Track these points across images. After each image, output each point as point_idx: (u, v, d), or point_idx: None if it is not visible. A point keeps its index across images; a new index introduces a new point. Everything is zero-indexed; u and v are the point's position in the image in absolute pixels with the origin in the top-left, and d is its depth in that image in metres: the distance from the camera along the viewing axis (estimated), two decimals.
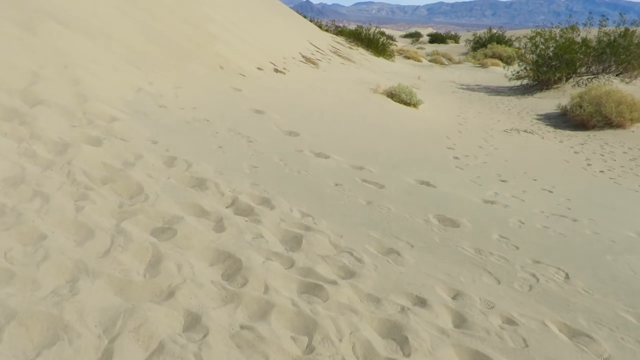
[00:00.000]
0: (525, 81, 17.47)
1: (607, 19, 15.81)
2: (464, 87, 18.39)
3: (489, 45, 30.03)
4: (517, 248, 3.16)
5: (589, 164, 8.20)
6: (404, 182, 4.51)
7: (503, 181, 5.65)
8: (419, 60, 28.43)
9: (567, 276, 2.83)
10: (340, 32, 29.41)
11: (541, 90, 16.22)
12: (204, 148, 4.30)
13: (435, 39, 52.56)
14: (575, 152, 9.15)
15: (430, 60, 29.63)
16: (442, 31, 70.68)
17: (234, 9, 15.10)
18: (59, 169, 3.09)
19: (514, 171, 6.57)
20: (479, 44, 33.49)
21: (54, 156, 3.26)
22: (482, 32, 36.40)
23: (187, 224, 2.70)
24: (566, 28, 16.55)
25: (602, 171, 7.78)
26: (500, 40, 32.56)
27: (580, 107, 11.32)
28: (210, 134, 4.85)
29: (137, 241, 2.43)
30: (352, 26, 36.54)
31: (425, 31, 74.89)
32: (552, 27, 17.00)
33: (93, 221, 2.55)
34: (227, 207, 3.17)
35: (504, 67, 21.77)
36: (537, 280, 2.72)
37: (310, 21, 31.39)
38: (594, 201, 5.08)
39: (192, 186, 3.38)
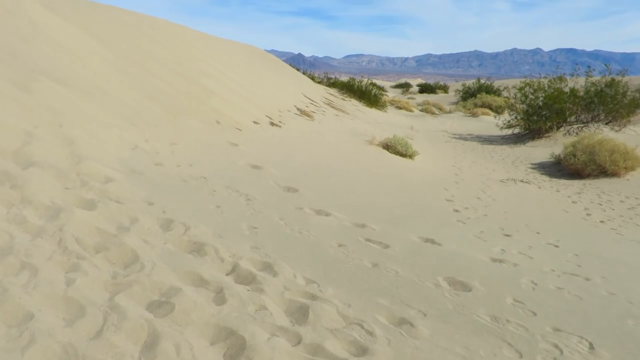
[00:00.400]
0: (516, 130, 17.72)
1: (593, 69, 16.26)
2: (456, 136, 18.60)
3: (478, 95, 30.70)
4: (535, 314, 2.98)
5: (588, 214, 8.13)
6: (408, 241, 4.36)
7: (507, 236, 5.52)
8: (410, 111, 28.92)
9: (591, 346, 2.65)
10: (332, 84, 30.03)
11: (533, 139, 16.42)
12: (201, 208, 4.16)
13: (424, 89, 53.88)
14: (573, 202, 9.09)
15: (421, 110, 30.15)
16: (431, 81, 72.60)
17: (229, 63, 15.38)
18: (49, 237, 2.92)
19: (515, 224, 6.46)
20: (468, 94, 34.27)
21: (45, 222, 3.10)
22: (471, 83, 37.34)
23: (186, 296, 2.52)
24: (554, 78, 16.97)
25: (602, 221, 7.69)
26: (488, 90, 33.35)
27: (574, 156, 11.39)
28: (207, 192, 4.73)
29: (132, 318, 2.25)
30: (344, 77, 37.41)
31: (415, 81, 76.91)
32: (540, 78, 17.43)
33: (84, 296, 2.37)
34: (227, 275, 2.99)
35: (494, 117, 22.16)
36: (561, 352, 2.54)
37: (304, 73, 32.10)
38: (602, 256, 4.95)
39: (190, 251, 3.22)
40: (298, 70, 32.17)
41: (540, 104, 16.39)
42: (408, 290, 3.14)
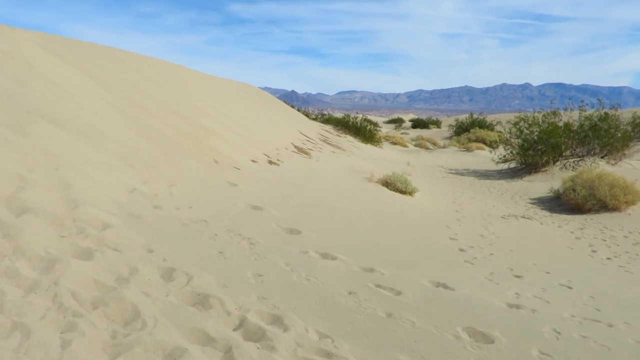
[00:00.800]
0: (512, 164, 17.75)
1: (586, 104, 16.46)
2: (453, 171, 18.58)
3: (471, 130, 30.97)
4: None
5: (593, 251, 7.98)
6: (420, 286, 4.17)
7: (517, 277, 5.34)
8: (405, 146, 29.05)
9: None
10: (327, 120, 30.22)
11: (529, 173, 16.41)
12: (203, 255, 3.97)
13: (417, 124, 54.38)
14: (576, 238, 8.96)
15: (415, 145, 30.30)
16: (423, 116, 73.43)
17: (225, 102, 15.42)
18: (44, 292, 2.72)
19: (523, 263, 6.29)
20: (461, 129, 34.58)
21: (39, 275, 2.91)
22: (464, 117, 37.77)
23: (192, 357, 2.32)
24: (548, 113, 17.13)
25: (609, 258, 7.54)
26: (482, 124, 33.68)
27: (574, 190, 11.32)
28: (208, 236, 4.55)
29: None
30: (337, 114, 37.74)
31: (407, 117, 77.74)
32: (534, 112, 17.59)
33: None
34: (234, 330, 2.79)
35: (490, 151, 22.26)
36: None
37: (298, 110, 32.35)
38: (618, 298, 4.77)
39: (194, 304, 3.02)
40: (292, 107, 32.42)
41: (536, 138, 16.47)
42: (427, 343, 2.94)
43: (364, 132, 26.02)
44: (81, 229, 3.75)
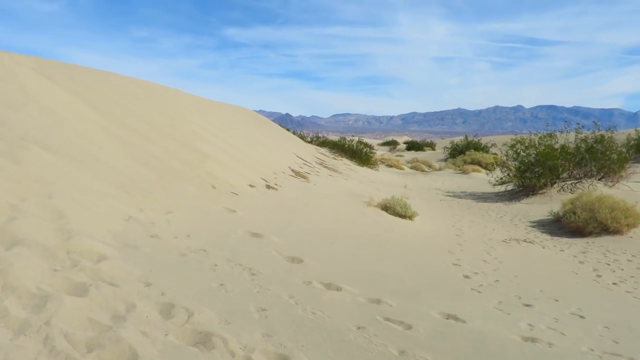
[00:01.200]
0: (510, 187, 17.69)
1: (582, 126, 16.52)
2: (450, 194, 18.49)
3: (467, 152, 31.05)
4: None
5: (598, 275, 7.84)
6: (430, 318, 3.99)
7: (527, 306, 5.17)
8: (401, 168, 29.04)
9: None
10: (323, 143, 30.21)
11: (527, 195, 16.34)
12: (203, 288, 3.78)
13: (412, 146, 54.55)
14: (580, 262, 8.82)
15: (411, 168, 30.30)
16: (417, 139, 73.80)
17: (221, 125, 15.33)
18: (34, 333, 2.53)
19: (530, 290, 6.13)
20: (457, 151, 34.67)
21: (29, 314, 2.72)
22: (458, 140, 37.91)
23: None
24: (544, 135, 17.17)
25: (615, 283, 7.40)
26: (477, 147, 33.81)
27: (574, 213, 11.23)
28: (208, 267, 4.36)
29: None
30: (332, 136, 37.78)
31: (402, 139, 78.12)
32: (531, 134, 17.63)
33: None
34: None
35: (486, 174, 22.24)
36: None
37: (294, 133, 32.35)
38: (634, 328, 4.61)
39: (195, 344, 2.82)
40: (288, 130, 32.42)
41: (533, 160, 16.47)
42: None
43: (360, 155, 26.00)
44: (75, 261, 3.56)
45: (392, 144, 62.69)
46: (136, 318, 2.95)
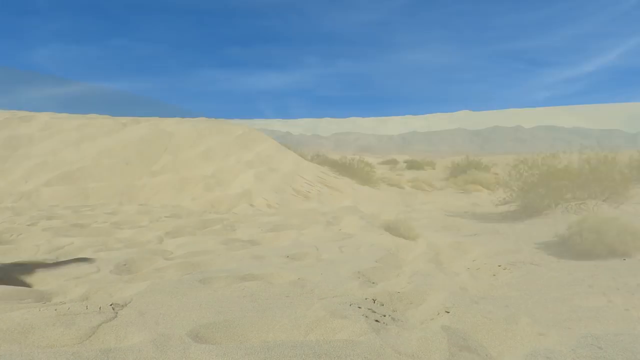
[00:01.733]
0: (513, 207, 17.53)
1: (586, 147, 16.46)
2: (452, 214, 18.32)
3: (468, 172, 30.97)
4: None
5: (609, 301, 7.60)
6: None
7: (541, 335, 4.96)
8: (402, 187, 28.91)
9: None
10: (323, 161, 30.15)
11: (531, 216, 16.15)
12: None
13: (412, 165, 54.41)
14: (589, 286, 8.58)
15: (412, 187, 30.16)
16: (417, 158, 73.75)
17: (226, 164, 15.24)
18: None
19: (544, 318, 5.92)
20: (458, 170, 34.60)
21: None
22: (459, 159, 37.87)
23: None
24: (547, 156, 17.10)
25: (627, 310, 7.15)
26: (478, 166, 33.74)
27: (580, 235, 11.02)
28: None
29: None
30: (332, 155, 37.75)
31: (402, 158, 78.13)
32: (534, 155, 17.56)
33: None
34: None
35: (489, 193, 22.12)
36: None
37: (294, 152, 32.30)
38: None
39: None
40: (289, 148, 32.38)
41: (536, 181, 16.35)
42: None
43: (362, 174, 25.91)
44: None
45: (392, 163, 62.57)
46: None
